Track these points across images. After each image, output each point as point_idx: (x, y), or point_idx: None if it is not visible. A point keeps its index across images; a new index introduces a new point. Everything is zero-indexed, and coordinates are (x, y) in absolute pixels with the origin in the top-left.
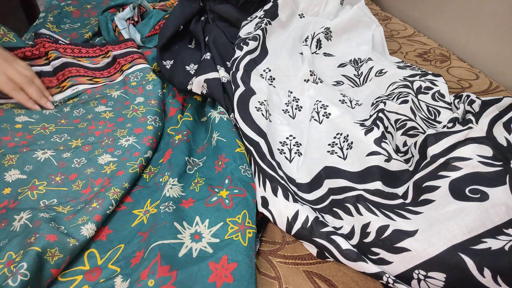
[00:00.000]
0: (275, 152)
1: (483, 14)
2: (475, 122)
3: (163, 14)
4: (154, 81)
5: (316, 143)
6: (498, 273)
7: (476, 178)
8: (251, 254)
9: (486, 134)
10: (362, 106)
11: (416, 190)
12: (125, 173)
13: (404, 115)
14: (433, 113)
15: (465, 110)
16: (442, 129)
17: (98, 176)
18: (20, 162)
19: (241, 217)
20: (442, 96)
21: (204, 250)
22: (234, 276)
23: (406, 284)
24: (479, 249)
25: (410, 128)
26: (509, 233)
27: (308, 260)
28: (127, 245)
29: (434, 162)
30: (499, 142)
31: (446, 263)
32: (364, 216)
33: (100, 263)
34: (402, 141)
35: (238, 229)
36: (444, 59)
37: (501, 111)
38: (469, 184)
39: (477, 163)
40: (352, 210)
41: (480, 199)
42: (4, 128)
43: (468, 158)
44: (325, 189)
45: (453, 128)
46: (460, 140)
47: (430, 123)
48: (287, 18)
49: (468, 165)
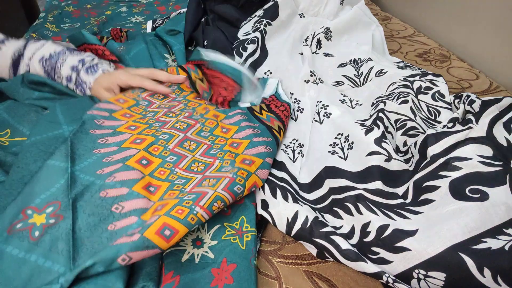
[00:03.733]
0: (279, 153)
1: (483, 14)
2: (475, 122)
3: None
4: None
5: (317, 144)
6: (498, 273)
7: (476, 178)
8: (249, 256)
9: (486, 134)
10: (362, 106)
11: (416, 190)
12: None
13: (404, 115)
14: (433, 113)
15: (465, 110)
16: (442, 129)
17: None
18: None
19: (239, 223)
20: (442, 96)
21: (206, 256)
22: (234, 277)
23: (406, 284)
24: (479, 248)
25: (410, 128)
26: (509, 233)
27: (308, 260)
28: None
29: (434, 162)
30: (499, 142)
31: (446, 262)
32: (364, 215)
33: None
34: (402, 141)
35: (236, 233)
36: (444, 59)
37: (501, 111)
38: (469, 184)
39: (477, 163)
40: (352, 209)
41: (480, 199)
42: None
43: (468, 158)
44: (325, 188)
45: (453, 128)
46: (460, 140)
47: (430, 123)
48: (287, 17)
49: (468, 165)
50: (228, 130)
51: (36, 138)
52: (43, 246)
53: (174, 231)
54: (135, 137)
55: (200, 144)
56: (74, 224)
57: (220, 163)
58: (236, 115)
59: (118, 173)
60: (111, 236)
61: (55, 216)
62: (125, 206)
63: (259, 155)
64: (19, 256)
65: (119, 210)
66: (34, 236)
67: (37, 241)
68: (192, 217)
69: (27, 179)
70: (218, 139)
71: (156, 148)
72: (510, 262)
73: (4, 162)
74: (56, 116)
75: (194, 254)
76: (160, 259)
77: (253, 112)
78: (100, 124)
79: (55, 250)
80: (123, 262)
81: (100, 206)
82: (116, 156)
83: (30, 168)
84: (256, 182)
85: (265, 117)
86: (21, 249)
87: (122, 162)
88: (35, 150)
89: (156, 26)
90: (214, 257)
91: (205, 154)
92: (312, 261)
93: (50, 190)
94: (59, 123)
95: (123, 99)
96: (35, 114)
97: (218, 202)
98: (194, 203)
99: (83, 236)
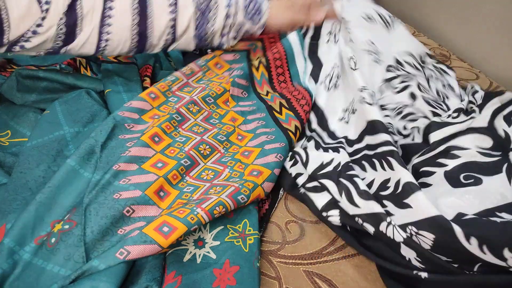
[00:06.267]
0: (332, 122)
1: (483, 14)
2: (478, 112)
3: None
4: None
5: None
6: (484, 243)
7: (473, 166)
8: (252, 259)
9: (488, 124)
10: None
11: (414, 173)
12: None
13: (399, 103)
14: (442, 96)
15: (469, 100)
16: (447, 118)
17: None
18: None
19: (242, 226)
20: (451, 88)
21: (208, 256)
22: (236, 278)
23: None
24: (469, 218)
25: (407, 114)
26: (501, 216)
27: (308, 260)
28: None
29: (434, 149)
30: (499, 134)
31: (436, 226)
32: (395, 171)
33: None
34: (402, 125)
35: (239, 236)
36: (444, 59)
37: (503, 104)
38: (464, 172)
39: (476, 152)
40: (377, 165)
41: (474, 184)
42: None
43: (467, 147)
44: (363, 143)
45: (457, 118)
46: (461, 130)
47: (437, 104)
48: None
49: (466, 154)
50: (244, 138)
51: (38, 141)
52: (57, 254)
53: (173, 228)
54: (154, 132)
55: (215, 150)
56: (87, 228)
57: (229, 173)
58: (254, 121)
59: (133, 176)
60: (119, 240)
61: (70, 221)
62: (136, 210)
63: (268, 166)
64: (38, 264)
65: (130, 213)
66: (51, 242)
67: (52, 248)
68: (192, 217)
69: (31, 184)
70: (232, 147)
71: (173, 150)
72: (498, 233)
73: (4, 163)
74: (56, 116)
75: (196, 254)
76: (163, 260)
77: (273, 111)
78: (130, 128)
79: (68, 257)
80: (121, 256)
81: (113, 208)
82: (133, 149)
83: (34, 172)
84: (260, 194)
85: (284, 118)
86: (40, 257)
87: (138, 165)
88: (37, 153)
89: None
90: (216, 258)
91: (216, 161)
92: (312, 261)
93: (76, 201)
94: (60, 124)
95: (154, 94)
96: (33, 114)
97: (220, 207)
98: (196, 205)
99: (95, 239)
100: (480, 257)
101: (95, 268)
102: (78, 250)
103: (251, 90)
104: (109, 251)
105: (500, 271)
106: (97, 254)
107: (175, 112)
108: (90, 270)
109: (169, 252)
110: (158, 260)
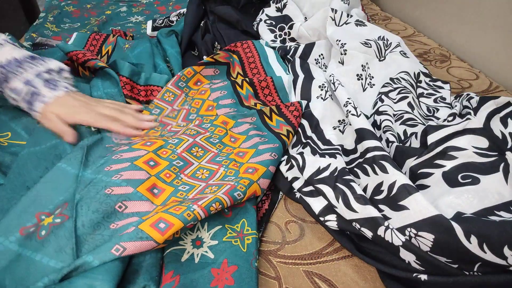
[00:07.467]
0: (328, 131)
1: (483, 14)
2: (473, 114)
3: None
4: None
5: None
6: (484, 241)
7: (470, 167)
8: (250, 259)
9: (483, 125)
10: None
11: (412, 175)
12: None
13: (400, 110)
14: (432, 110)
15: (463, 105)
16: (442, 122)
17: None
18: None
19: (240, 225)
20: (443, 99)
21: (206, 256)
22: (234, 278)
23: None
24: (468, 216)
25: (407, 119)
26: (500, 215)
27: (308, 260)
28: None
29: (432, 150)
30: (495, 134)
31: (436, 226)
32: (390, 174)
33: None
34: (402, 130)
35: (237, 236)
36: (444, 59)
37: (499, 107)
38: (462, 172)
39: (472, 153)
40: (369, 170)
41: (472, 183)
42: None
43: (464, 148)
44: (358, 153)
45: (453, 121)
46: (458, 131)
47: (429, 119)
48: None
49: (463, 155)
50: (237, 140)
51: (35, 148)
52: (48, 245)
53: (169, 224)
54: (146, 140)
55: (207, 152)
56: (78, 221)
57: (225, 171)
58: (245, 123)
59: (125, 172)
60: (112, 234)
61: (61, 215)
62: (128, 206)
63: (263, 163)
64: (27, 255)
65: (122, 209)
66: (41, 235)
67: (42, 240)
68: (188, 213)
69: (29, 183)
70: (225, 148)
71: (165, 151)
72: (498, 232)
73: (2, 163)
74: None
75: (194, 254)
76: (161, 259)
77: (263, 116)
78: (117, 142)
79: (59, 249)
80: (117, 253)
81: (104, 203)
82: (125, 154)
83: (32, 175)
84: (256, 191)
85: (275, 124)
86: (29, 248)
87: (130, 162)
88: (35, 159)
89: (156, 25)
90: (214, 257)
91: (211, 161)
92: (312, 261)
93: (63, 195)
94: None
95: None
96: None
97: (216, 204)
98: (192, 203)
99: (86, 233)
100: (480, 256)
101: (89, 264)
102: (69, 242)
103: (238, 105)
104: (103, 246)
105: (500, 271)
106: (88, 247)
107: (167, 133)
108: (84, 266)
109: (167, 252)
110: (156, 260)
